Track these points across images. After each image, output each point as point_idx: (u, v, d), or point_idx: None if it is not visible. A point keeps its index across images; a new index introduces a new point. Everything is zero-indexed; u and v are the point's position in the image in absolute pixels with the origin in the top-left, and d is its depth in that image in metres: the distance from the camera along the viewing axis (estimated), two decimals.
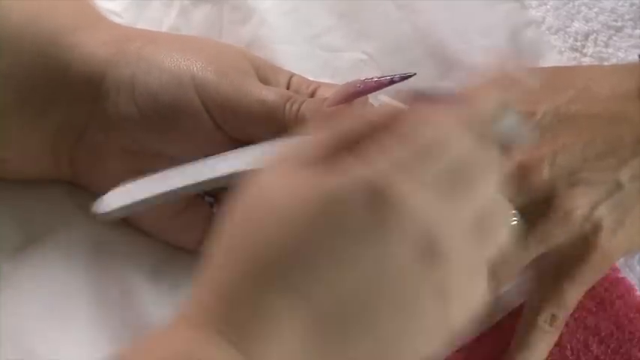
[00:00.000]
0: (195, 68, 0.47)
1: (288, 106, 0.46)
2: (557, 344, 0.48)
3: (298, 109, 0.46)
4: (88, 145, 0.48)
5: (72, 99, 0.48)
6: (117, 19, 0.55)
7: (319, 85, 0.49)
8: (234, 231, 0.33)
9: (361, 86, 0.46)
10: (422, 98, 0.35)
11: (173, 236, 0.50)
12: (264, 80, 0.49)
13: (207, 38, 0.56)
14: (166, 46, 0.49)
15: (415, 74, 0.46)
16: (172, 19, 0.58)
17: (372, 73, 0.54)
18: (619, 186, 0.47)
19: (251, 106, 0.46)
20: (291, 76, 0.49)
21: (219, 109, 0.47)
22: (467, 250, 0.34)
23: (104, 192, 0.48)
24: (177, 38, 0.53)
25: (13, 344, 0.47)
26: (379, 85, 0.46)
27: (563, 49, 0.56)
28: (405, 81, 0.46)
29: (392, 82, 0.46)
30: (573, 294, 0.47)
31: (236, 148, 0.47)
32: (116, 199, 0.46)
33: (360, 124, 0.34)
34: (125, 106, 0.47)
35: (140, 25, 0.57)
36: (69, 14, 0.49)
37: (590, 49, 0.56)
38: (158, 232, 0.50)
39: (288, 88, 0.49)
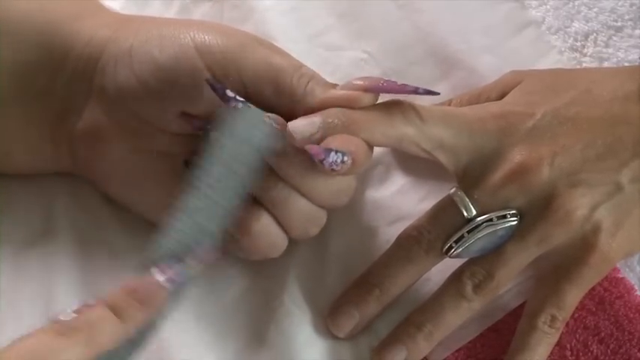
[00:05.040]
0: (195, 30, 0.46)
1: (297, 75, 0.45)
2: (557, 344, 0.48)
3: (307, 83, 0.46)
4: (88, 127, 0.48)
5: (70, 80, 0.48)
6: None
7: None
8: None
9: (384, 84, 0.46)
10: None
11: None
12: None
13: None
14: (166, 20, 0.49)
15: (439, 94, 0.46)
16: (172, 17, 0.58)
17: (372, 72, 0.55)
18: (619, 188, 0.47)
19: (257, 65, 0.45)
20: (302, 66, 0.48)
21: (222, 67, 0.45)
22: None
23: (104, 180, 0.48)
24: (179, 19, 0.53)
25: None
26: (401, 90, 0.46)
27: (563, 49, 0.56)
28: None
29: (416, 91, 0.46)
30: (573, 295, 0.47)
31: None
32: None
33: None
34: (123, 77, 0.46)
35: None
36: (71, 5, 0.49)
37: (590, 49, 0.56)
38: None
39: None
